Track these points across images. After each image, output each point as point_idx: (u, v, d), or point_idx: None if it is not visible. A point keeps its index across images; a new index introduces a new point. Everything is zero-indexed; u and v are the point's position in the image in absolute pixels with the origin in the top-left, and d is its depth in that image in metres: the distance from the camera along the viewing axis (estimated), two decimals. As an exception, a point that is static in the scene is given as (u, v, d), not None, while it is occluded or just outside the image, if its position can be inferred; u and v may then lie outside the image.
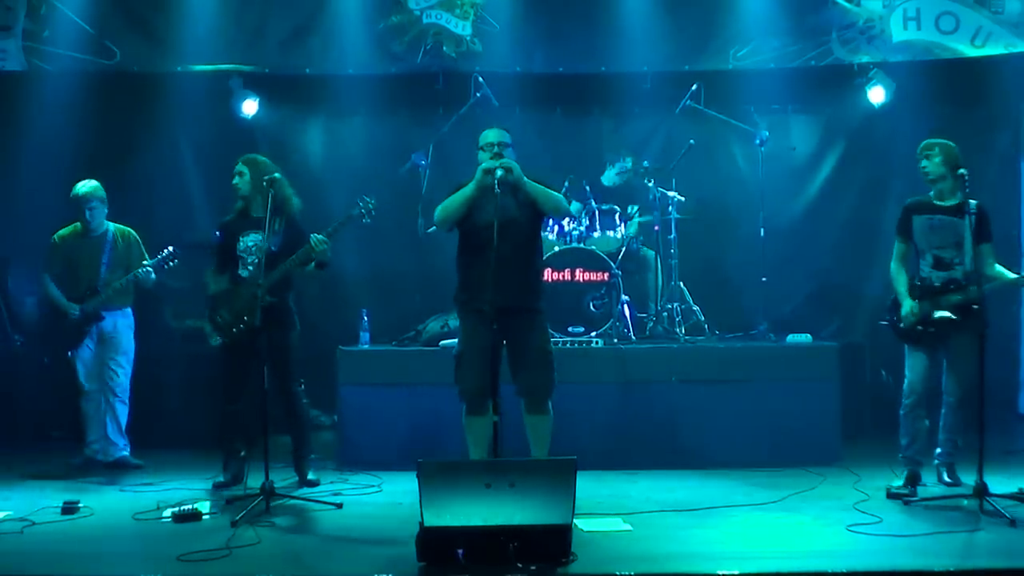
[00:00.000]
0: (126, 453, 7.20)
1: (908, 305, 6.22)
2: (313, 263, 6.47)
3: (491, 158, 5.83)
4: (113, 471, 7.02)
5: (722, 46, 8.20)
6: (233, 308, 6.50)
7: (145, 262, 7.10)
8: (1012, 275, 6.23)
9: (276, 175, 6.32)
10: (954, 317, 6.07)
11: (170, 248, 7.10)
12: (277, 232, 6.46)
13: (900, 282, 6.31)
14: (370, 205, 6.41)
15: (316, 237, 6.35)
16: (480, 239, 5.67)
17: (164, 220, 8.36)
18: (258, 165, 6.62)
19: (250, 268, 6.53)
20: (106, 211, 7.16)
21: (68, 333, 7.11)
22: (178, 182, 8.57)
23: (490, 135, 5.98)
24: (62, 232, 7.20)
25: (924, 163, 6.25)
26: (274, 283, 6.35)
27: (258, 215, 6.50)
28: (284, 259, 6.40)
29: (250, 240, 6.56)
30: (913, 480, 6.27)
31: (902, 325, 6.25)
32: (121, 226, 7.24)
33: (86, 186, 7.09)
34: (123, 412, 7.22)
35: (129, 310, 7.25)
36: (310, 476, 6.67)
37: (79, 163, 7.98)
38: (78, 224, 7.15)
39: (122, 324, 7.20)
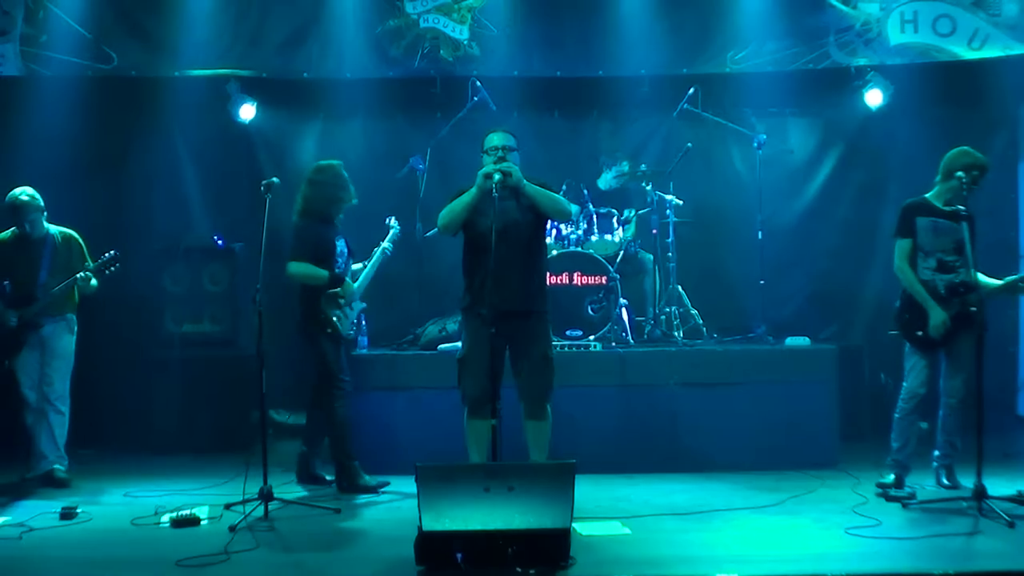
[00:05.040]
0: (58, 466, 6.76)
1: (940, 316, 6.11)
2: None
3: (495, 162, 5.79)
4: (40, 489, 6.62)
5: (719, 49, 8.20)
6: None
7: (87, 265, 6.77)
8: (997, 281, 6.22)
9: (275, 180, 6.34)
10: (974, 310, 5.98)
11: (113, 252, 6.79)
12: None
13: (919, 286, 6.18)
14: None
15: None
16: (482, 243, 5.65)
17: (162, 225, 8.38)
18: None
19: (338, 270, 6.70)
20: (45, 217, 6.81)
21: (4, 342, 6.72)
22: (176, 187, 8.54)
23: (495, 139, 5.93)
24: None
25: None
26: None
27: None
28: None
29: (341, 243, 6.76)
30: (899, 483, 6.26)
31: (932, 335, 6.13)
32: (65, 229, 6.89)
33: (25, 194, 6.74)
34: (60, 423, 6.78)
35: (72, 316, 6.87)
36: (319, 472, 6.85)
37: (77, 168, 7.99)
38: (15, 228, 6.81)
39: (62, 329, 6.82)
